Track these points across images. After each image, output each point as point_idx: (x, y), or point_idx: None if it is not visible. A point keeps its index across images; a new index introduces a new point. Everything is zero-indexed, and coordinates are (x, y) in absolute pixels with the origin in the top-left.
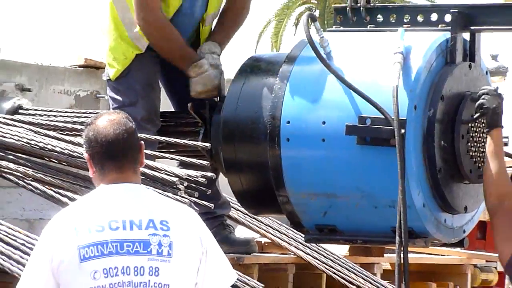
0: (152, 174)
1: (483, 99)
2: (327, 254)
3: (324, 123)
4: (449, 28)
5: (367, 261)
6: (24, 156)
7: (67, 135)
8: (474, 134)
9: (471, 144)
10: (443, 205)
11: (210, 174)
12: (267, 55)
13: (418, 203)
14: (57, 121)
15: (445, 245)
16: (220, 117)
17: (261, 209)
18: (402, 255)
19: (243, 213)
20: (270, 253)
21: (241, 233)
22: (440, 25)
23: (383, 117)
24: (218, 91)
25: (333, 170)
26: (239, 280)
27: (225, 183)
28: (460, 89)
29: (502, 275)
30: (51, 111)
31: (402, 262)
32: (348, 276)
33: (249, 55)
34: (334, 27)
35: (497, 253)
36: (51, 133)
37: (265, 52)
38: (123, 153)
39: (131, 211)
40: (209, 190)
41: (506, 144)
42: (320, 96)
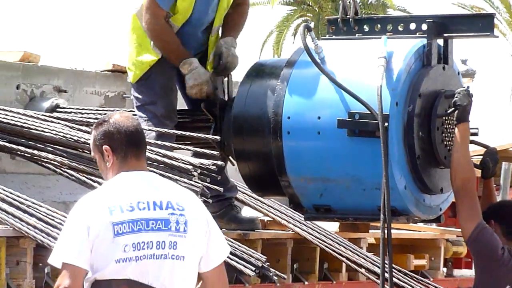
0: (170, 162)
1: (456, 97)
2: (320, 230)
3: (319, 118)
4: (426, 35)
5: (355, 236)
6: (61, 148)
7: None
8: (447, 126)
9: (445, 134)
10: (422, 187)
11: (219, 162)
12: (270, 61)
13: (400, 185)
14: (89, 118)
15: (424, 221)
16: (230, 114)
17: (266, 192)
18: (386, 231)
19: (248, 195)
20: (271, 230)
21: (247, 212)
22: (417, 33)
23: (369, 112)
24: (210, 86)
25: (327, 158)
26: (245, 252)
27: (233, 170)
28: (435, 87)
29: None
30: (83, 109)
31: (386, 236)
32: (338, 249)
33: (254, 61)
34: (327, 35)
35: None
36: (84, 128)
37: (268, 58)
38: (140, 142)
39: (152, 194)
40: (219, 176)
41: (476, 134)
42: (315, 95)
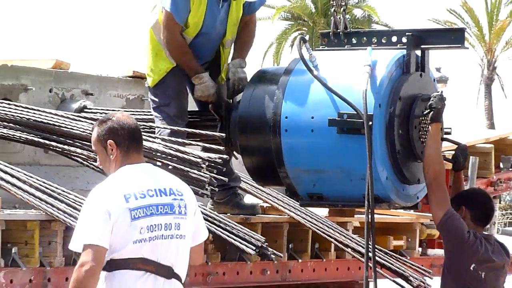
0: (182, 156)
1: (432, 101)
2: (312, 215)
3: (312, 118)
4: (405, 47)
5: (342, 220)
6: (87, 143)
7: None
8: (423, 125)
9: (421, 132)
10: (401, 178)
11: (225, 156)
12: (271, 69)
13: (382, 176)
14: None
15: (403, 208)
16: (236, 114)
17: (266, 181)
18: (369, 216)
19: (250, 185)
20: (270, 214)
21: (249, 199)
22: (398, 45)
23: (356, 113)
24: (215, 97)
25: (320, 152)
26: (247, 234)
27: (237, 163)
28: (413, 92)
29: None
30: (108, 110)
31: (369, 220)
32: (328, 231)
33: (257, 69)
34: (320, 47)
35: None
36: None
37: (269, 66)
38: (140, 138)
39: (156, 182)
40: (224, 168)
41: (449, 132)
42: (309, 98)
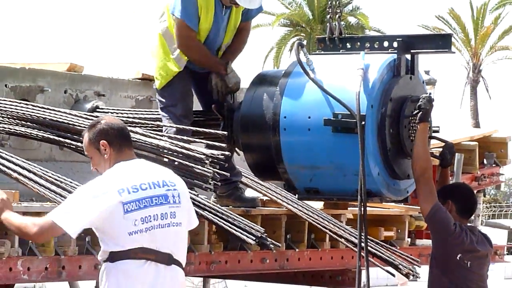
0: (187, 153)
1: (421, 102)
2: (309, 207)
3: (309, 117)
4: (396, 51)
5: (336, 212)
6: None
7: (129, 126)
8: (413, 125)
9: (411, 131)
10: (392, 174)
11: (227, 152)
12: (271, 71)
13: (374, 172)
14: (122, 117)
15: (394, 201)
16: (238, 114)
17: (266, 176)
18: (362, 208)
19: (251, 179)
20: (269, 207)
21: (249, 193)
22: (389, 49)
23: (350, 113)
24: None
25: (316, 150)
26: (247, 225)
27: (239, 159)
28: (403, 93)
29: None
30: (118, 110)
31: (362, 213)
32: (323, 223)
33: (258, 72)
34: (317, 51)
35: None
36: None
37: (269, 69)
38: (129, 135)
39: (150, 176)
40: (227, 163)
41: (437, 131)
42: (306, 99)
